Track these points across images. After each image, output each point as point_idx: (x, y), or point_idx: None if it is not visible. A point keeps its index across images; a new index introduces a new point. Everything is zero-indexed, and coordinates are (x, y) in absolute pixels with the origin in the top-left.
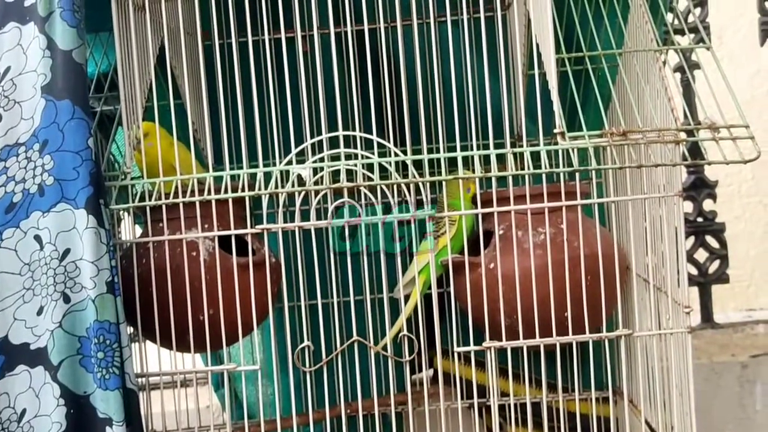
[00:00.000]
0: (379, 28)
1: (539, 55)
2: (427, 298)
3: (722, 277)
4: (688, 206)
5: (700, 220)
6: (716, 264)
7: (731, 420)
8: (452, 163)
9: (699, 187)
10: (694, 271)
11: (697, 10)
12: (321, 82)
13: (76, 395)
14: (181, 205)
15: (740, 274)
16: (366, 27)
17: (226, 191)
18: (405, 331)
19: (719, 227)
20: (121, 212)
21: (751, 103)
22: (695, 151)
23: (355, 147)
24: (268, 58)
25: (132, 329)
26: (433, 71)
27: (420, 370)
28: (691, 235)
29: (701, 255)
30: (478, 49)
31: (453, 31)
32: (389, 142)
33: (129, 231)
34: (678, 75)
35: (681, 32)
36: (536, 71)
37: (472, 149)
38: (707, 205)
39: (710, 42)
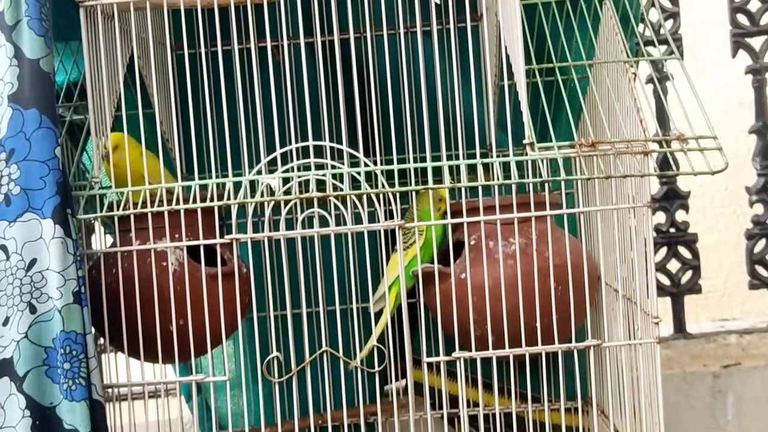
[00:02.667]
0: (351, 38)
1: (510, 65)
2: (399, 308)
3: (694, 288)
4: (661, 217)
5: (672, 230)
6: (689, 274)
7: (703, 430)
8: (424, 173)
9: (671, 198)
10: (666, 282)
11: (669, 22)
12: (290, 91)
13: (41, 406)
14: (149, 215)
15: (713, 284)
16: (337, 37)
17: (195, 201)
18: (376, 342)
19: (691, 238)
20: (93, 221)
21: (724, 114)
22: (667, 162)
23: (327, 157)
24: (238, 67)
25: (102, 340)
26: (404, 82)
27: (395, 380)
28: (663, 246)
29: (674, 265)
30: (450, 60)
31: (425, 42)
32: (360, 152)
33: (101, 241)
34: (650, 87)
35: (652, 44)
36: (506, 82)
37: (442, 160)
38: (680, 215)
39: (682, 54)
